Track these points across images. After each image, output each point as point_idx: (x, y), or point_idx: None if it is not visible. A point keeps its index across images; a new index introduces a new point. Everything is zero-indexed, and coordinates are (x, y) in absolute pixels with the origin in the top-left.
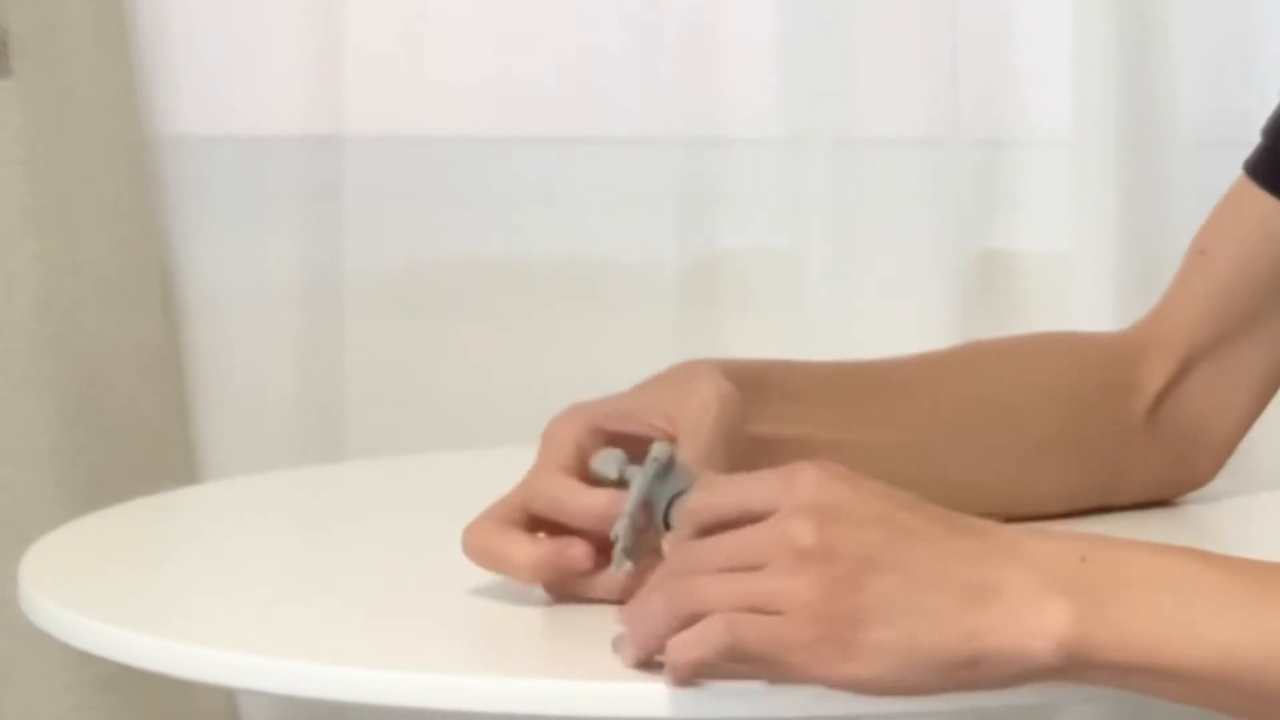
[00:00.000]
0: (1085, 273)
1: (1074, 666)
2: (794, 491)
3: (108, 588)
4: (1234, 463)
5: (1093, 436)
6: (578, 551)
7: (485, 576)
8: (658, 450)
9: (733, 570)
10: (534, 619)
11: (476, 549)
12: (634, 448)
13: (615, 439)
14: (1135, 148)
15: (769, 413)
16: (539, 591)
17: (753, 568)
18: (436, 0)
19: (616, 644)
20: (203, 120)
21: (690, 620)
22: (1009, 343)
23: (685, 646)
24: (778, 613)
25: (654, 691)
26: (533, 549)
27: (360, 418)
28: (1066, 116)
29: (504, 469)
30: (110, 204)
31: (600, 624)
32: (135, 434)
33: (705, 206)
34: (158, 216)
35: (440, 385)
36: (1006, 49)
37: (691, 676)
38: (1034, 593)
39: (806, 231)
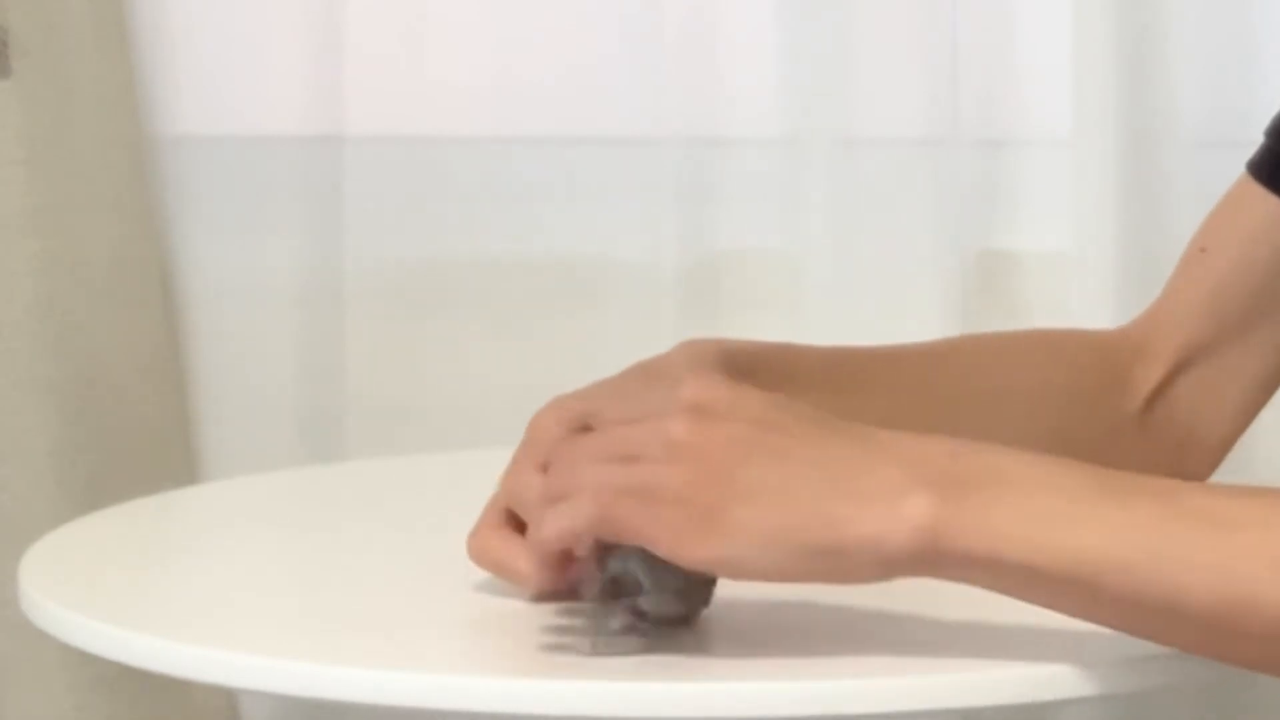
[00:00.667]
0: (1085, 273)
1: (932, 555)
2: (678, 391)
3: (108, 588)
4: (1232, 462)
5: (1084, 433)
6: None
7: (485, 576)
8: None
9: (609, 461)
10: (534, 619)
11: (483, 558)
12: None
13: None
14: (1135, 148)
15: (768, 384)
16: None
17: (628, 459)
18: (436, 0)
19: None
20: (203, 120)
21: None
22: (1004, 337)
23: (554, 517)
24: (648, 500)
25: (654, 692)
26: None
27: (360, 418)
28: (1066, 116)
29: (504, 469)
30: (110, 204)
31: None
32: (135, 434)
33: (705, 206)
34: (158, 216)
35: (440, 385)
36: (1006, 49)
37: (556, 544)
38: (899, 485)
39: (806, 231)
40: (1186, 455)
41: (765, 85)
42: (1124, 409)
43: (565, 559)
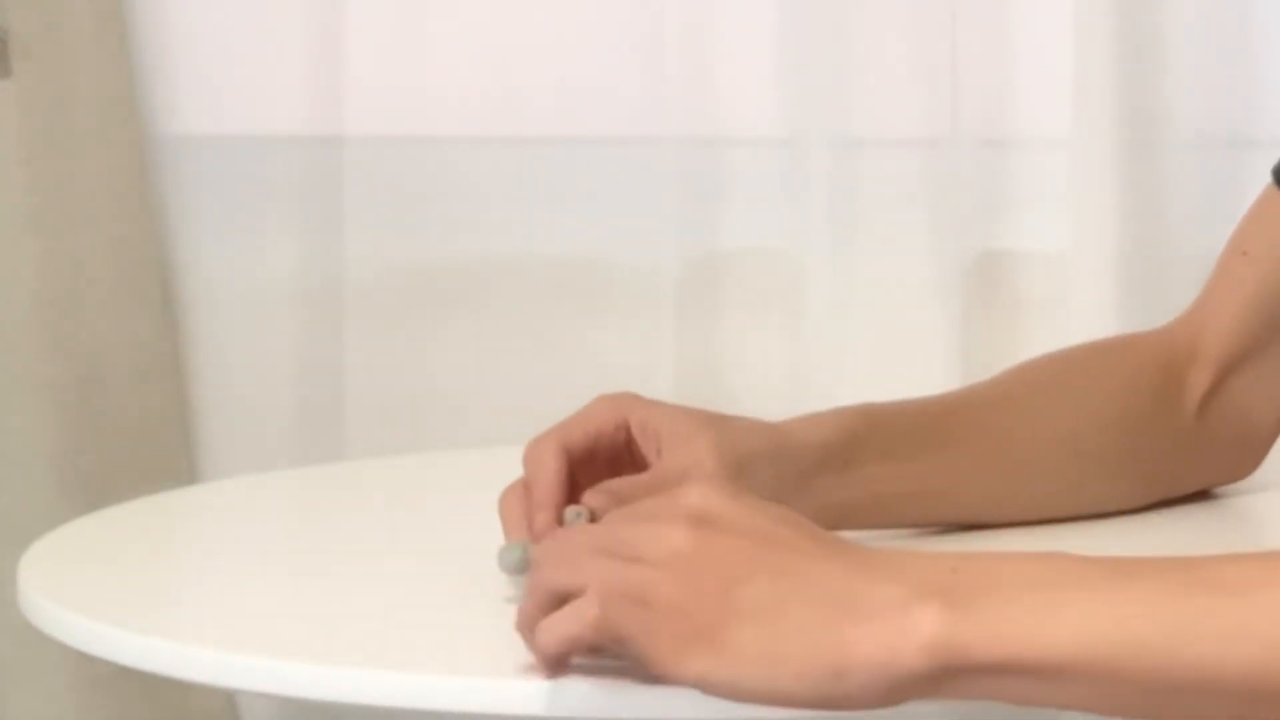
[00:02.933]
0: (1085, 273)
1: (945, 672)
2: (679, 497)
3: (108, 588)
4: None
5: (1149, 447)
6: None
7: (484, 577)
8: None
9: (607, 555)
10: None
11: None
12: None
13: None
14: (1135, 148)
15: (869, 457)
16: None
17: (629, 559)
18: (436, 1)
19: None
20: (203, 120)
21: (564, 599)
22: (1061, 363)
23: (557, 622)
24: (646, 606)
25: (654, 693)
26: None
27: (360, 418)
28: (1066, 116)
29: (504, 469)
30: (110, 204)
31: None
32: (135, 434)
33: (705, 206)
34: (158, 216)
35: (440, 385)
36: (1006, 49)
37: (561, 652)
38: (904, 602)
39: (806, 232)
40: (1239, 450)
41: (765, 85)
42: (1183, 415)
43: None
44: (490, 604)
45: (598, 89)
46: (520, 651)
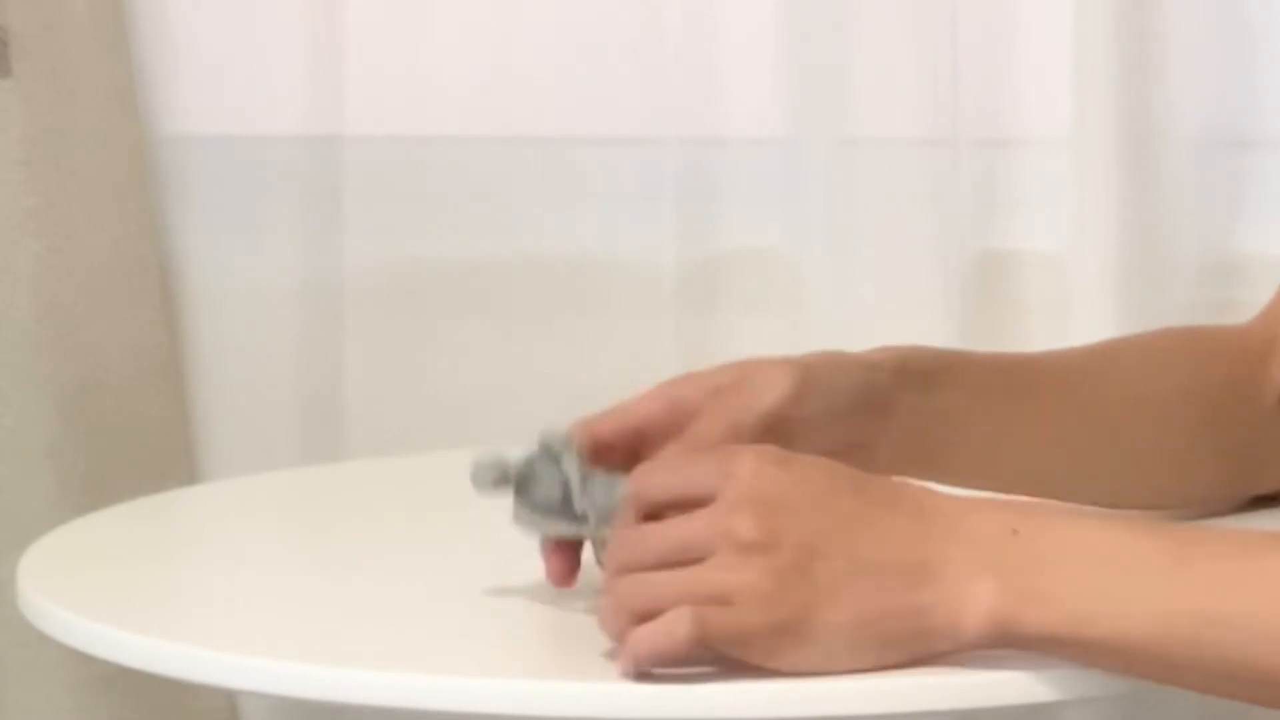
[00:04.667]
0: (1085, 273)
1: (1003, 638)
2: (733, 480)
3: (107, 588)
4: None
5: (1231, 432)
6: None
7: (484, 577)
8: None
9: (679, 561)
10: (534, 620)
11: None
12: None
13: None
14: (1135, 148)
15: (949, 385)
16: (540, 592)
17: (698, 559)
18: (436, 1)
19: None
20: (203, 120)
21: (647, 616)
22: (1144, 340)
23: (650, 637)
24: (731, 604)
25: (654, 693)
26: None
27: (360, 418)
28: (1066, 116)
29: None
30: (110, 204)
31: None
32: (135, 434)
33: (705, 206)
34: (158, 216)
35: (440, 385)
36: (1006, 49)
37: (652, 666)
38: (965, 569)
39: (806, 231)
40: None
41: (765, 85)
42: (1263, 404)
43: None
44: (491, 604)
45: (598, 89)
46: (521, 652)
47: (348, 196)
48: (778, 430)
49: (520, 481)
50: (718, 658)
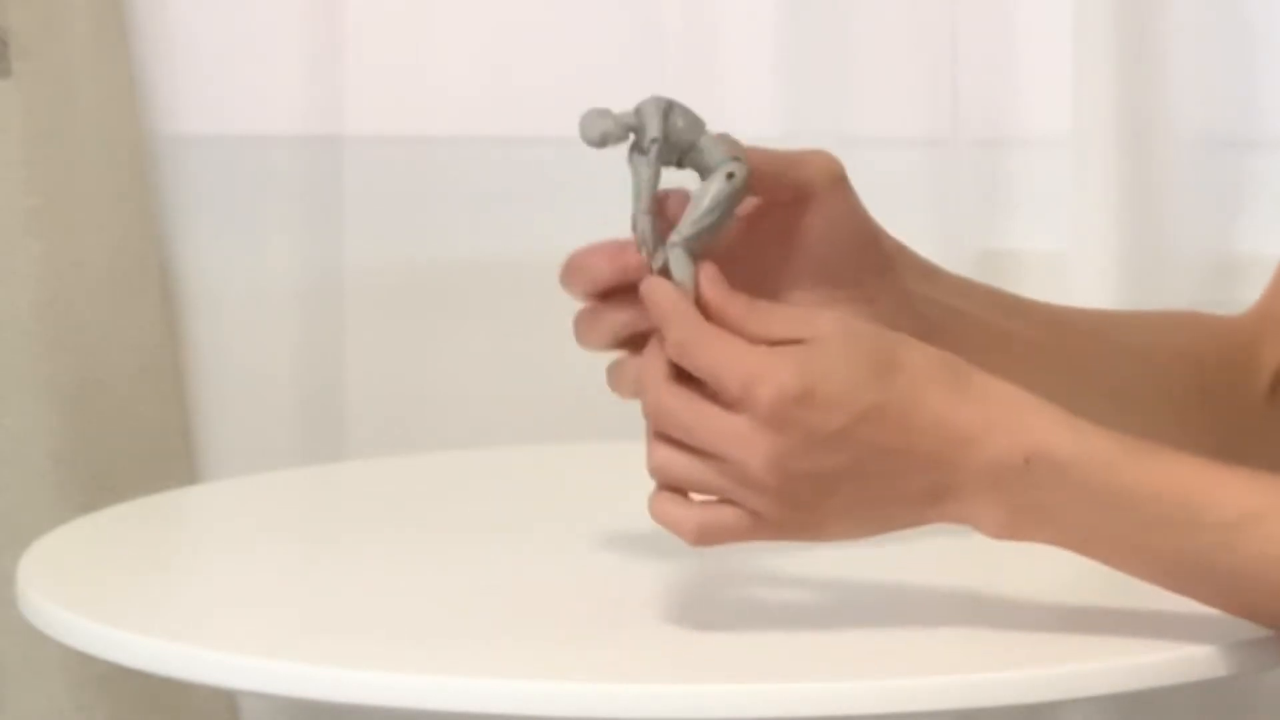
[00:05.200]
0: (1085, 273)
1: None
2: (758, 406)
3: (107, 588)
4: None
5: (1221, 412)
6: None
7: (484, 577)
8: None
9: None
10: (534, 620)
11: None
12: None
13: None
14: (1135, 148)
15: (941, 287)
16: (539, 592)
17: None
18: (436, 1)
19: None
20: (203, 120)
21: (673, 487)
22: (1147, 312)
23: (665, 520)
24: (740, 511)
25: (654, 692)
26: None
27: (360, 418)
28: (1066, 116)
29: (504, 469)
30: (110, 204)
31: (600, 626)
32: (135, 434)
33: None
34: (158, 216)
35: (440, 385)
36: (1006, 49)
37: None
38: (975, 495)
39: None
40: None
41: (765, 85)
42: (1253, 390)
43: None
44: (491, 604)
45: (598, 89)
46: (521, 652)
47: (348, 196)
48: (802, 210)
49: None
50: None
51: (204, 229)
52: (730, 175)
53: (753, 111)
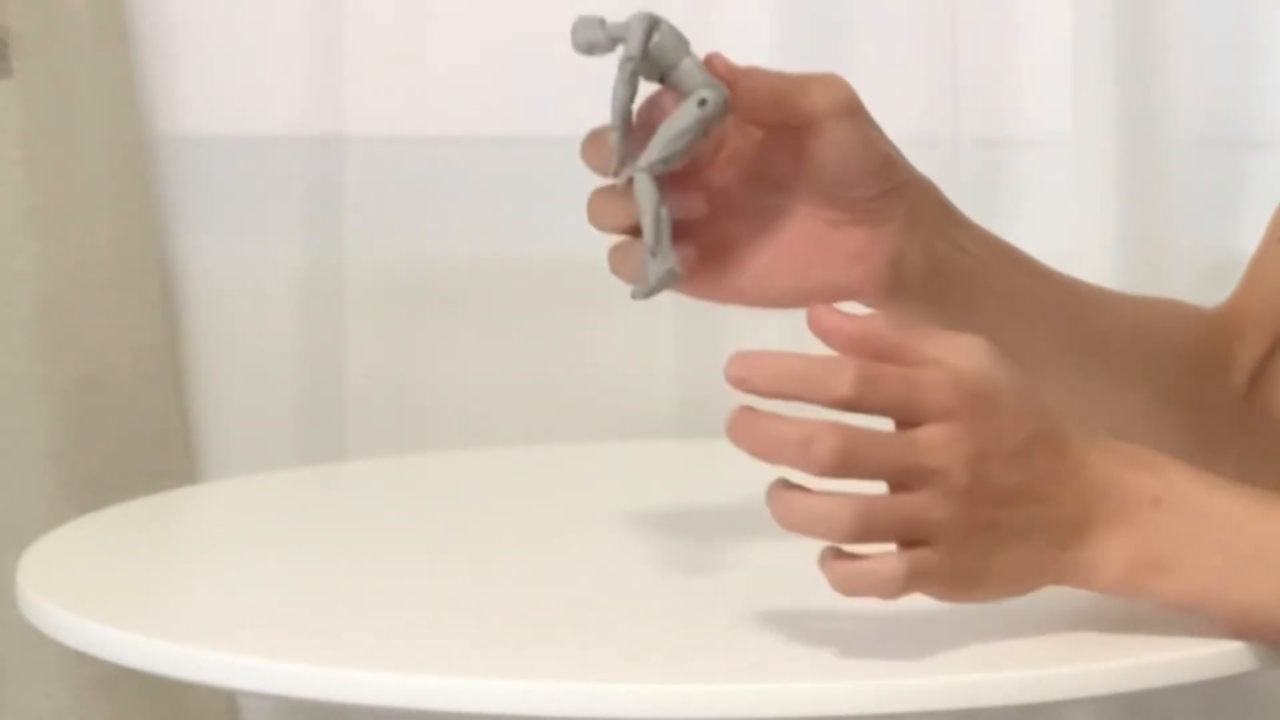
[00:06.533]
0: (1085, 273)
1: (1134, 598)
2: (958, 407)
3: (107, 588)
4: None
5: (1199, 402)
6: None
7: (484, 577)
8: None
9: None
10: (534, 620)
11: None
12: None
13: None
14: (1135, 148)
15: (957, 230)
16: (539, 592)
17: (907, 484)
18: (436, 1)
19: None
20: (203, 120)
21: (863, 537)
22: (1138, 295)
23: (863, 577)
24: (930, 544)
25: (654, 692)
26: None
27: (360, 418)
28: (1066, 116)
29: (504, 469)
30: (110, 204)
31: (600, 626)
32: (135, 434)
33: None
34: (158, 216)
35: (440, 385)
36: (1006, 49)
37: (862, 596)
38: (1105, 534)
39: None
40: None
41: None
42: (1231, 384)
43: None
44: (491, 604)
45: (598, 89)
46: (520, 652)
47: (348, 196)
48: (813, 131)
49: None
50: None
51: (204, 229)
52: (702, 102)
53: None
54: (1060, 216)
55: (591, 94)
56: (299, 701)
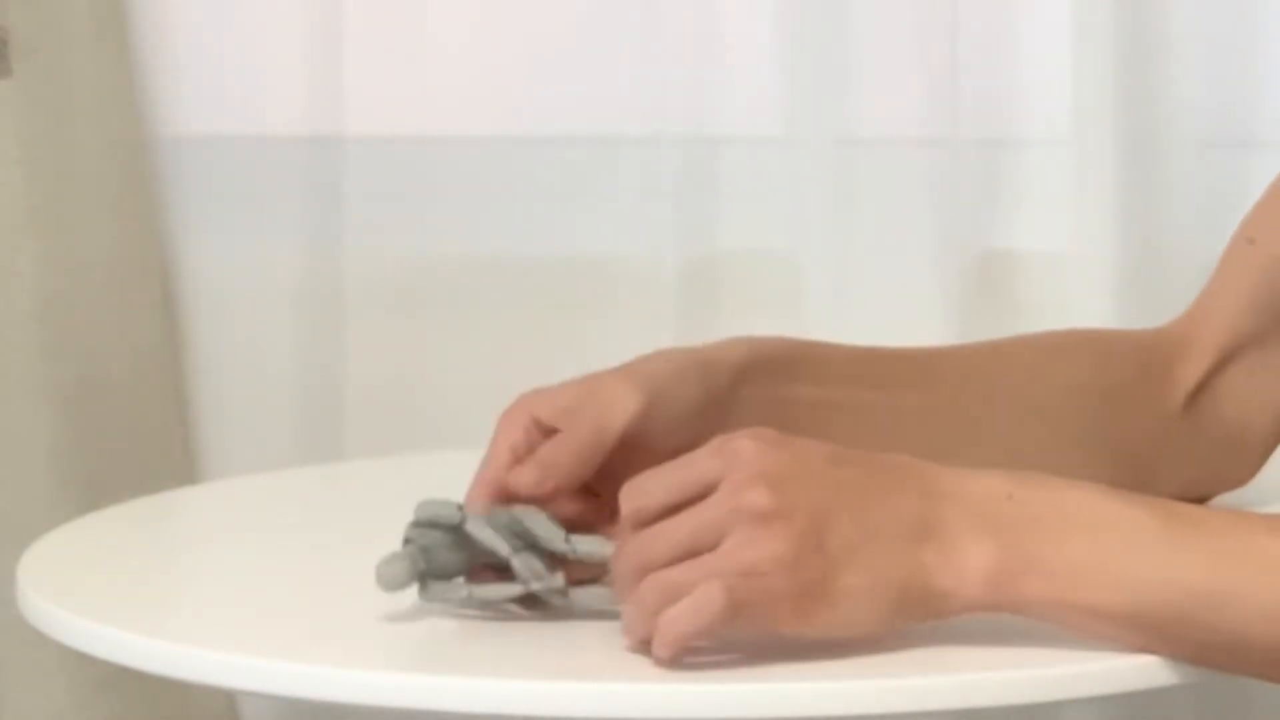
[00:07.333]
0: (1085, 273)
1: (1004, 603)
2: (738, 460)
3: (107, 588)
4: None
5: (1126, 433)
6: None
7: None
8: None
9: (695, 551)
10: (534, 620)
11: None
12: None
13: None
14: (1135, 148)
15: (801, 377)
16: None
17: (712, 545)
18: (436, 0)
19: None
20: (203, 120)
21: (673, 597)
22: (1042, 338)
23: (683, 617)
24: (757, 575)
25: (653, 692)
26: None
27: (360, 418)
28: (1066, 116)
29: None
30: (110, 204)
31: (601, 628)
32: (135, 434)
33: (705, 206)
34: (158, 216)
35: (440, 385)
36: (1006, 49)
37: (689, 644)
38: (963, 530)
39: (806, 231)
40: (1233, 452)
41: (765, 85)
42: (1165, 407)
43: None
44: None
45: (597, 89)
46: (520, 653)
47: (348, 196)
48: (629, 444)
49: (430, 567)
50: (744, 640)
51: (204, 229)
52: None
53: (753, 111)
54: (1060, 216)
55: (592, 94)
56: (299, 701)
